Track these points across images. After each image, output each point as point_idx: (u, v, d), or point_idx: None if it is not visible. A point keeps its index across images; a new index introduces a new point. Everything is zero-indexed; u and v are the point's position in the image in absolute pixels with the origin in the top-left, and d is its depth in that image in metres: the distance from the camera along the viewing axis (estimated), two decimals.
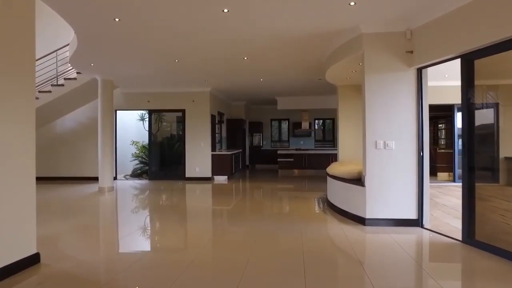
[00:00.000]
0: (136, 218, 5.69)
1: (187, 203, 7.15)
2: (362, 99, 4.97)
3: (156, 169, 10.75)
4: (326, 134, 15.27)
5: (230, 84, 9.58)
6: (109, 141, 8.16)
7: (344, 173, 5.28)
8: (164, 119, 11.42)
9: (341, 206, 5.37)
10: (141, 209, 6.46)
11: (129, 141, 11.53)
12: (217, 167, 10.29)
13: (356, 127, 7.43)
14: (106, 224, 5.51)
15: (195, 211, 6.29)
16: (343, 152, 7.47)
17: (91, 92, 8.86)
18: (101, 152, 8.06)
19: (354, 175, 5.04)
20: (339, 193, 5.56)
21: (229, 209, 6.34)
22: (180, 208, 6.48)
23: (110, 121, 8.23)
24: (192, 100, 10.14)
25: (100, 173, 8.09)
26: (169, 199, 7.38)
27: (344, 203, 5.31)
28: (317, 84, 9.48)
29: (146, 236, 4.63)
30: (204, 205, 6.86)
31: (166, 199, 7.42)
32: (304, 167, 12.02)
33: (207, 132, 10.13)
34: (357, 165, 5.97)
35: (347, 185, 5.18)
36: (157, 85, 9.75)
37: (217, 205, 6.90)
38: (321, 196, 7.26)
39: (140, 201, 7.35)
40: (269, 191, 8.62)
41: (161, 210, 6.39)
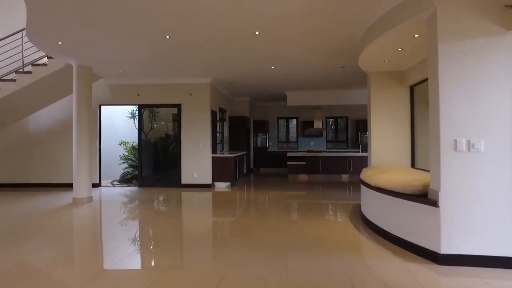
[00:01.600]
0: (109, 249, 4.15)
1: (182, 221, 5.63)
2: (431, 79, 3.45)
3: (147, 174, 9.23)
4: (339, 135, 13.76)
5: (234, 74, 8.07)
6: (87, 141, 6.65)
7: (397, 184, 3.77)
8: (159, 116, 9.91)
9: (395, 232, 3.85)
10: (118, 233, 4.93)
11: (119, 141, 10.03)
12: (218, 172, 8.78)
13: (393, 124, 5.93)
14: (59, 260, 3.98)
15: (192, 236, 4.77)
16: (376, 155, 5.96)
17: (69, 83, 7.35)
18: (76, 155, 6.54)
19: (415, 188, 3.52)
20: (389, 212, 4.04)
21: (236, 231, 4.83)
22: (172, 231, 4.96)
23: (87, 116, 6.71)
24: (190, 94, 8.64)
25: (74, 180, 6.57)
26: (158, 216, 5.85)
27: (399, 227, 3.80)
28: (338, 74, 7.98)
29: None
30: (203, 223, 5.33)
31: (155, 215, 5.90)
32: (318, 172, 10.52)
33: (206, 130, 8.63)
34: (410, 173, 4.46)
35: (404, 202, 3.67)
36: (148, 76, 8.24)
37: (219, 225, 5.38)
38: (351, 210, 5.75)
39: (120, 219, 5.82)
40: (281, 202, 7.11)
41: (146, 234, 4.86)
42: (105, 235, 4.68)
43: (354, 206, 6.11)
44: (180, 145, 8.77)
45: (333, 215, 5.65)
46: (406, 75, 5.80)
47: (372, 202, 4.57)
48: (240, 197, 7.60)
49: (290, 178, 10.60)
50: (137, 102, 8.83)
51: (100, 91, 8.72)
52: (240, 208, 6.35)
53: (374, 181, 4.35)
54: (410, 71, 5.63)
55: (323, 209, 6.18)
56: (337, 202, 6.88)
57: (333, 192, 8.11)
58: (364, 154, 10.52)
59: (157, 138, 9.94)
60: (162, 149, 9.71)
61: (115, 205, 6.68)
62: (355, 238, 4.32)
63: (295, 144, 13.75)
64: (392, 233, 3.92)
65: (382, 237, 4.11)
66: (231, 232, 4.79)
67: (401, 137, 5.93)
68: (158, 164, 9.52)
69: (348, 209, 5.92)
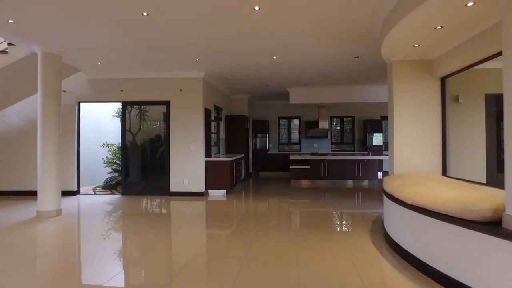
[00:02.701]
0: (66, 285, 3.12)
1: (171, 242, 4.59)
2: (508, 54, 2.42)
3: (133, 180, 8.19)
4: (345, 136, 12.75)
5: (230, 67, 7.05)
6: (55, 143, 5.61)
7: (450, 205, 2.73)
8: (148, 115, 8.88)
9: (442, 268, 2.82)
10: (83, 263, 3.89)
11: (102, 143, 9.00)
12: (212, 178, 7.75)
13: (420, 123, 4.92)
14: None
15: (181, 264, 3.74)
16: (400, 161, 4.94)
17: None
18: (41, 160, 5.51)
19: (482, 213, 2.47)
20: (432, 240, 3.01)
21: (228, 263, 3.79)
22: (154, 256, 3.91)
23: (56, 113, 5.67)
24: (180, 89, 7.61)
25: (39, 190, 5.53)
26: (139, 235, 4.82)
27: (450, 263, 2.76)
28: (350, 67, 6.96)
29: None
30: (195, 247, 4.29)
31: (135, 234, 4.86)
32: (323, 177, 9.51)
33: (199, 131, 7.60)
34: (453, 186, 3.42)
35: (461, 231, 2.64)
36: (132, 69, 7.21)
37: (215, 252, 4.33)
38: (369, 226, 4.72)
39: (90, 240, 4.78)
40: (284, 214, 6.08)
41: (117, 264, 3.81)
42: (65, 264, 3.64)
43: (371, 219, 5.08)
44: (168, 148, 7.74)
45: (348, 233, 4.61)
46: (437, 64, 4.78)
47: (403, 223, 3.54)
48: (237, 209, 6.57)
49: (293, 183, 9.58)
50: (121, 99, 7.80)
51: (78, 86, 7.69)
52: (236, 224, 5.32)
53: (408, 196, 3.31)
54: (443, 59, 4.61)
55: (334, 224, 5.15)
56: (349, 213, 5.86)
57: (342, 200, 7.08)
58: (374, 157, 9.52)
59: (146, 140, 8.91)
60: (151, 152, 8.69)
61: (88, 220, 5.63)
62: (386, 272, 3.30)
63: (297, 146, 12.73)
64: (435, 268, 2.89)
65: (420, 271, 3.09)
66: (223, 264, 3.75)
67: (430, 139, 4.92)
68: (145, 169, 8.50)
69: (364, 223, 4.90)
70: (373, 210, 6.29)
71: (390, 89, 5.18)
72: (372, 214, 5.92)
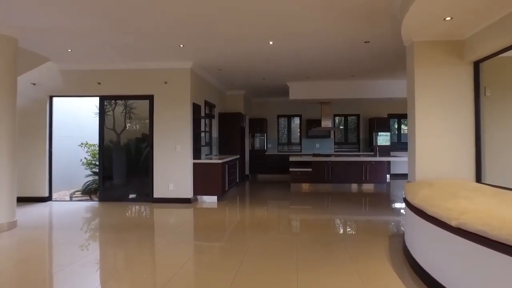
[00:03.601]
0: None
1: (150, 259, 3.68)
2: None
3: (112, 185, 7.29)
4: (349, 135, 11.84)
5: (222, 55, 6.15)
6: (6, 144, 4.70)
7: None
8: (135, 113, 7.97)
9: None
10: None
11: (80, 142, 8.11)
12: (202, 182, 6.84)
13: (447, 119, 4.03)
14: None
15: (161, 284, 2.83)
16: (423, 164, 4.04)
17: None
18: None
19: None
20: (491, 279, 2.10)
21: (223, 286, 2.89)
22: (132, 281, 3.00)
23: (10, 108, 4.77)
24: (164, 82, 6.71)
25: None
26: (110, 255, 3.91)
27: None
28: (359, 55, 6.05)
29: None
30: (177, 265, 3.38)
31: (106, 252, 3.95)
32: (327, 180, 8.60)
33: (186, 129, 6.70)
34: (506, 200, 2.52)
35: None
36: (109, 58, 6.32)
37: (199, 271, 3.41)
38: (388, 246, 3.80)
39: (48, 261, 3.87)
40: (283, 226, 5.17)
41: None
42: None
43: (386, 233, 4.17)
44: (152, 148, 6.84)
45: (360, 253, 3.70)
46: (470, 45, 3.88)
47: (443, 250, 2.62)
48: (230, 218, 5.67)
49: (293, 187, 8.68)
50: (98, 93, 6.90)
51: (50, 79, 6.80)
52: (226, 239, 4.42)
53: (451, 215, 2.40)
54: (479, 37, 3.71)
55: (343, 239, 4.23)
56: (358, 224, 4.94)
57: (349, 208, 6.18)
58: (382, 159, 8.61)
59: (131, 140, 7.99)
60: (136, 153, 7.78)
61: (48, 235, 4.73)
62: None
63: (298, 146, 11.82)
64: None
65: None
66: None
67: (460, 138, 4.02)
68: (129, 172, 7.59)
69: (378, 239, 3.99)
70: (386, 218, 5.40)
71: (410, 77, 4.28)
72: (386, 225, 5.01)
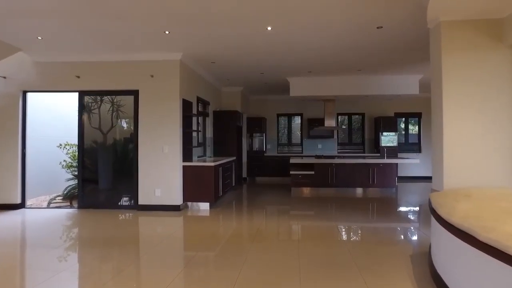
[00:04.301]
0: None
1: (132, 279, 2.97)
2: None
3: (95, 190, 6.58)
4: (353, 135, 11.14)
5: (214, 44, 5.44)
6: None
7: None
8: (124, 111, 7.26)
9: None
10: None
11: (61, 143, 7.40)
12: (192, 187, 6.14)
13: (482, 117, 3.33)
14: None
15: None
16: (452, 171, 3.34)
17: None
18: None
19: None
20: None
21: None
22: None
23: None
24: (150, 75, 6.01)
25: None
26: (84, 276, 3.20)
27: None
28: (369, 45, 5.35)
29: None
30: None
31: (79, 274, 3.24)
32: (330, 184, 7.90)
33: (174, 128, 6.00)
34: None
35: None
36: (89, 49, 5.62)
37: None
38: (412, 271, 3.09)
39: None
40: (284, 237, 4.45)
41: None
42: None
43: (406, 250, 3.47)
44: (136, 150, 6.14)
45: (380, 282, 2.99)
46: (511, 25, 3.19)
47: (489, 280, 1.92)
48: (223, 228, 4.95)
49: (294, 192, 7.97)
50: (77, 88, 6.20)
51: (22, 72, 6.10)
52: (217, 252, 3.71)
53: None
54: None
55: (355, 258, 3.52)
56: (370, 237, 4.24)
57: (358, 216, 5.48)
58: (391, 161, 7.91)
59: (119, 140, 7.28)
60: (122, 155, 7.07)
61: (10, 251, 4.03)
62: None
63: (299, 147, 11.12)
64: None
65: None
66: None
67: (498, 138, 3.32)
68: (115, 176, 6.88)
69: (397, 259, 3.29)
70: (402, 230, 4.69)
71: (435, 66, 3.57)
72: (404, 239, 4.30)
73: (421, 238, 4.33)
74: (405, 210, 6.46)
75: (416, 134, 10.93)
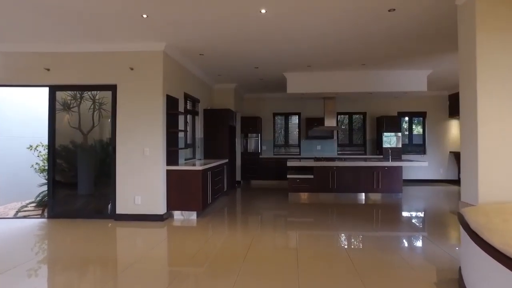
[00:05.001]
0: None
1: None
2: None
3: (69, 197, 5.86)
4: (354, 136, 10.50)
5: (201, 31, 4.77)
6: None
7: None
8: (107, 109, 6.54)
9: None
10: None
11: (31, 145, 6.68)
12: (177, 194, 5.46)
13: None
14: None
15: None
16: (492, 179, 2.68)
17: None
18: None
19: None
20: None
21: None
22: None
23: None
24: (130, 68, 5.33)
25: None
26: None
27: None
28: (378, 32, 4.70)
29: None
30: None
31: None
32: (331, 189, 7.24)
33: (157, 127, 5.31)
34: None
35: None
36: (59, 36, 4.92)
37: None
38: None
39: None
40: (283, 255, 3.77)
41: None
42: None
43: (431, 277, 2.81)
44: (114, 152, 5.45)
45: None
46: None
47: None
48: (210, 242, 4.25)
49: (291, 197, 7.31)
50: (47, 82, 5.49)
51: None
52: (199, 278, 3.04)
53: None
54: None
55: (367, 279, 2.86)
56: (382, 256, 3.58)
57: (363, 224, 4.83)
58: (396, 163, 7.27)
59: (100, 141, 6.56)
60: (103, 157, 6.35)
61: None
62: None
63: (296, 148, 10.46)
64: None
65: None
66: None
67: None
68: (95, 181, 6.17)
69: (417, 282, 2.65)
70: (414, 241, 4.04)
71: (465, 50, 2.92)
72: (424, 259, 3.64)
73: (442, 258, 3.67)
74: (415, 219, 5.82)
75: (420, 134, 10.31)
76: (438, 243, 4.13)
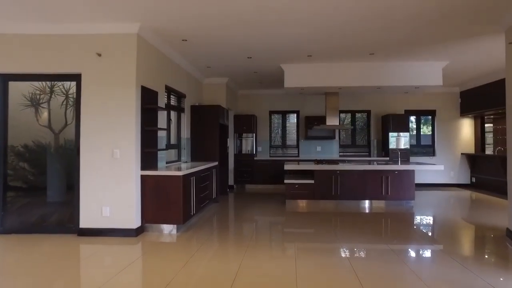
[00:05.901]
0: None
1: None
2: None
3: (26, 207, 4.97)
4: (357, 136, 9.67)
5: (182, 10, 3.91)
6: None
7: None
8: None
9: None
10: None
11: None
12: (154, 205, 4.59)
13: None
14: None
15: None
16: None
17: None
18: None
19: None
20: None
21: None
22: None
23: None
24: (98, 54, 4.46)
25: None
26: None
27: None
28: (388, 9, 3.85)
29: None
30: None
31: None
32: (334, 196, 6.40)
33: (129, 125, 4.45)
34: None
35: None
36: (9, 14, 4.05)
37: None
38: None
39: None
40: (280, 284, 2.94)
41: None
42: None
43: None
44: (78, 154, 4.59)
45: None
46: None
47: None
48: (190, 265, 3.39)
49: (289, 205, 6.47)
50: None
51: None
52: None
53: None
54: None
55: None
56: (404, 276, 2.73)
57: (372, 237, 3.98)
58: (407, 167, 6.45)
59: (69, 141, 5.68)
60: (69, 161, 5.46)
61: None
62: None
63: (294, 149, 9.63)
64: None
65: None
66: None
67: None
68: (64, 185, 5.28)
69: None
70: (434, 261, 3.19)
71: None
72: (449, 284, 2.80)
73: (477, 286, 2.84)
74: (432, 233, 4.99)
75: (429, 134, 9.50)
76: (468, 266, 3.28)
